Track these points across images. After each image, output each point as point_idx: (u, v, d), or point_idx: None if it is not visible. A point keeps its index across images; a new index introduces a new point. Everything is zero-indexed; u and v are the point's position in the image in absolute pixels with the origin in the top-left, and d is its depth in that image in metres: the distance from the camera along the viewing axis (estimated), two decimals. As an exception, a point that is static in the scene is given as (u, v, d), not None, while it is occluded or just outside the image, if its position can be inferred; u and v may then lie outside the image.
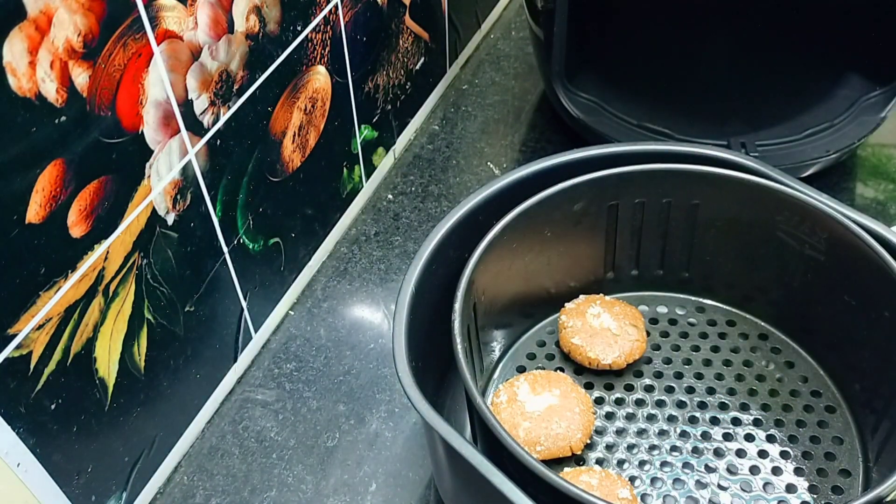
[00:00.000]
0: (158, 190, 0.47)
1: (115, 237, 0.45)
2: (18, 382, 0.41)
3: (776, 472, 0.51)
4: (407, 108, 0.76)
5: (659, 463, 0.51)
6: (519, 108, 0.81)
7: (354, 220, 0.71)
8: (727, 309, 0.60)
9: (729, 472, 0.51)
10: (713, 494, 0.50)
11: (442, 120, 0.80)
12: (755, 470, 0.51)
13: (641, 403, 0.55)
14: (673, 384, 0.56)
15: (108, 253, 0.45)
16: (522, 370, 0.57)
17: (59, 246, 0.41)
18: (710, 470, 0.51)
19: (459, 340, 0.46)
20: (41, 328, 0.42)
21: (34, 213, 0.39)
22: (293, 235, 0.63)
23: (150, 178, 0.46)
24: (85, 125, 0.41)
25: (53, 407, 0.44)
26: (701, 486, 0.50)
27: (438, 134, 0.79)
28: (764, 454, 0.52)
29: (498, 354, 0.57)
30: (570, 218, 0.55)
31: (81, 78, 0.40)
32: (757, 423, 0.53)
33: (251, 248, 0.58)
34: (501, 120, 0.80)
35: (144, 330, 0.50)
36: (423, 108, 0.79)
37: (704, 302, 0.60)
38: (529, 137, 0.78)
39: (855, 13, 0.73)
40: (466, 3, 0.82)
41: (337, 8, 0.59)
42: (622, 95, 0.73)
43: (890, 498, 0.41)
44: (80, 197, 0.42)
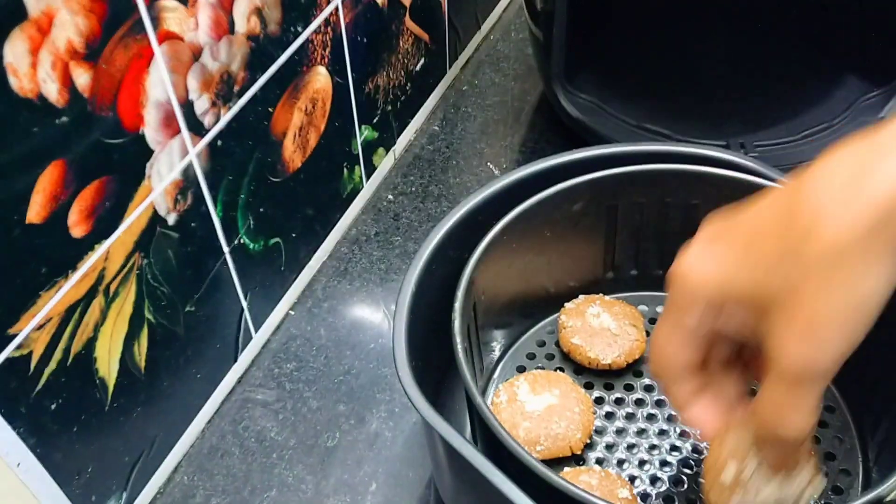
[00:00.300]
0: (159, 190, 0.47)
1: (115, 237, 0.45)
2: (19, 382, 0.41)
3: (776, 471, 0.51)
4: (407, 108, 0.76)
5: (659, 462, 0.51)
6: (518, 108, 0.81)
7: (355, 220, 0.72)
8: (727, 309, 0.60)
9: (728, 471, 0.51)
10: (713, 494, 0.50)
11: (442, 120, 0.80)
12: (755, 470, 0.51)
13: (641, 403, 0.55)
14: (672, 384, 0.56)
15: (108, 253, 0.45)
16: (522, 370, 0.57)
17: (59, 246, 0.41)
18: (709, 470, 0.51)
19: (459, 340, 0.47)
20: (42, 328, 0.42)
21: (35, 213, 0.39)
22: (293, 235, 0.63)
23: (150, 178, 0.46)
24: (86, 125, 0.41)
25: (54, 407, 0.44)
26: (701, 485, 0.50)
27: (438, 134, 0.79)
28: (763, 454, 0.52)
29: (498, 354, 0.57)
30: (569, 218, 0.55)
31: (83, 78, 0.40)
32: (756, 423, 0.53)
33: (252, 248, 0.58)
34: (501, 121, 0.80)
35: (145, 330, 0.50)
36: (423, 108, 0.79)
37: (704, 302, 0.60)
38: (529, 138, 0.78)
39: (854, 14, 0.73)
40: (466, 4, 0.82)
41: (338, 9, 0.59)
42: (622, 96, 0.74)
43: (890, 498, 0.41)
44: (80, 197, 0.42)
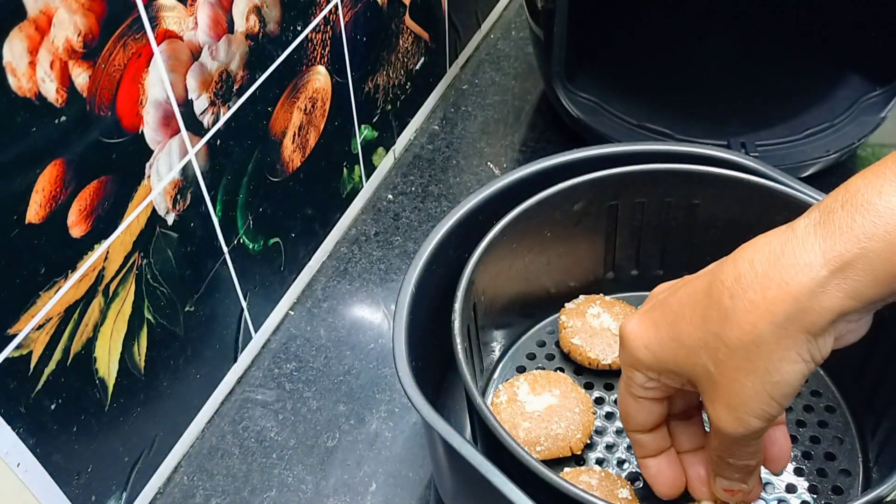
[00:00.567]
0: (158, 190, 0.47)
1: (115, 237, 0.45)
2: (18, 382, 0.41)
3: (776, 472, 0.51)
4: (407, 108, 0.76)
5: (659, 463, 0.51)
6: (519, 108, 0.81)
7: (354, 220, 0.71)
8: (727, 309, 0.59)
9: (729, 472, 0.51)
10: (713, 494, 0.50)
11: (442, 120, 0.80)
12: (755, 470, 0.51)
13: (641, 403, 0.55)
14: (673, 384, 0.55)
15: (108, 253, 0.45)
16: (522, 370, 0.57)
17: (59, 246, 0.41)
18: (710, 470, 0.51)
19: (459, 340, 0.46)
20: (41, 328, 0.42)
21: (34, 213, 0.39)
22: (293, 235, 0.63)
23: (150, 178, 0.46)
24: (85, 125, 0.41)
25: (53, 407, 0.44)
26: (701, 486, 0.50)
27: (438, 134, 0.79)
28: (764, 454, 0.52)
29: (498, 354, 0.57)
30: (569, 218, 0.55)
31: (81, 78, 0.40)
32: (757, 423, 0.53)
33: (251, 248, 0.58)
34: (501, 120, 0.80)
35: (144, 330, 0.50)
36: (423, 108, 0.79)
37: (704, 302, 0.60)
38: (529, 137, 0.78)
39: (855, 13, 0.73)
40: (466, 3, 0.82)
41: (337, 8, 0.59)
42: (622, 95, 0.74)
43: (890, 498, 0.41)
44: (80, 197, 0.42)
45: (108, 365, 0.47)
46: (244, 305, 0.59)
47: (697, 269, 0.61)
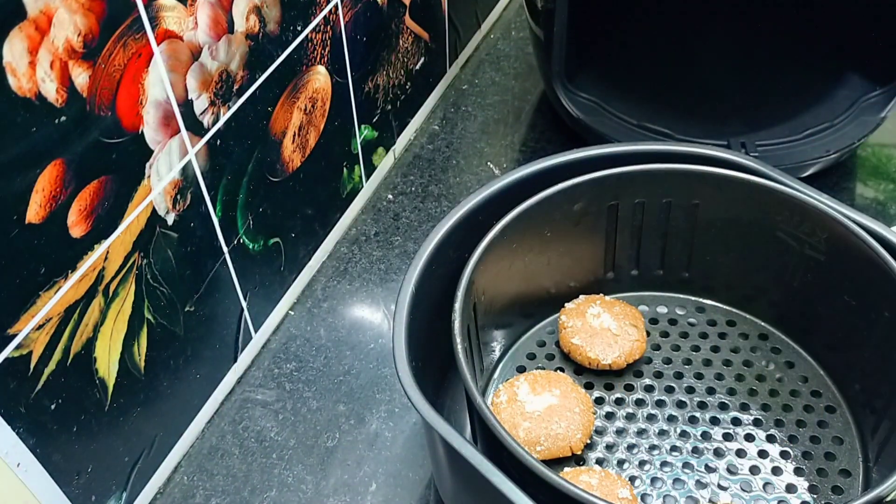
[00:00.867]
0: (158, 190, 0.47)
1: (115, 237, 0.45)
2: (18, 382, 0.41)
3: (776, 472, 0.51)
4: (407, 108, 0.76)
5: (659, 463, 0.51)
6: (519, 108, 0.81)
7: (354, 220, 0.71)
8: (727, 309, 0.60)
9: (729, 472, 0.51)
10: (713, 494, 0.50)
11: (442, 120, 0.80)
12: (755, 470, 0.51)
13: (641, 403, 0.55)
14: (673, 384, 0.56)
15: (108, 253, 0.45)
16: (522, 370, 0.57)
17: (59, 246, 0.41)
18: (710, 470, 0.51)
19: (459, 340, 0.46)
20: (41, 328, 0.42)
21: (34, 213, 0.39)
22: (293, 235, 0.63)
23: (150, 178, 0.46)
24: (85, 125, 0.41)
25: (53, 407, 0.44)
26: (701, 485, 0.50)
27: (438, 134, 0.79)
28: (764, 454, 0.52)
29: (498, 354, 0.57)
30: (570, 218, 0.55)
31: (81, 78, 0.40)
32: (757, 423, 0.53)
33: (251, 248, 0.58)
34: (501, 120, 0.80)
35: (144, 330, 0.50)
36: (423, 108, 0.79)
37: (704, 302, 0.60)
38: (529, 137, 0.78)
39: (855, 13, 0.73)
40: (466, 3, 0.82)
41: (337, 8, 0.59)
42: (622, 95, 0.74)
43: (890, 498, 0.41)
44: (80, 197, 0.42)
45: (108, 365, 0.47)
46: (244, 305, 0.59)
47: (698, 268, 0.62)
